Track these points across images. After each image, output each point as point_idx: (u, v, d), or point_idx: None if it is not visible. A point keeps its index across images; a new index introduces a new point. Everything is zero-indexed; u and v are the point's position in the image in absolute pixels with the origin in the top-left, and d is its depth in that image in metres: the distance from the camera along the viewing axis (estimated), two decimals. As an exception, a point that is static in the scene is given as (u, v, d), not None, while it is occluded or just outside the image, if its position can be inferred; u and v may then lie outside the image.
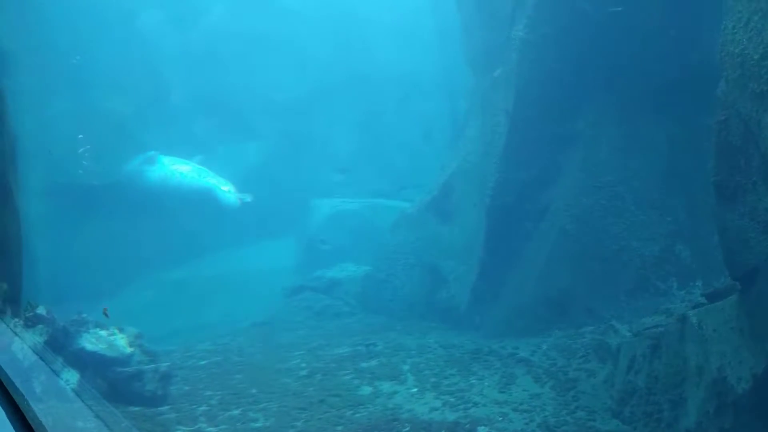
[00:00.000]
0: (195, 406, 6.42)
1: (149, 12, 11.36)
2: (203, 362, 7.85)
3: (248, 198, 11.19)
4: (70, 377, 4.62)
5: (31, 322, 5.02)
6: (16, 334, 5.07)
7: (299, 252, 11.62)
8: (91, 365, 5.36)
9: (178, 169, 11.34)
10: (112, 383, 5.43)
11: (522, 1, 8.08)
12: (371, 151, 12.74)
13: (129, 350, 5.51)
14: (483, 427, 5.87)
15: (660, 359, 5.79)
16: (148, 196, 10.82)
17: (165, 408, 6.23)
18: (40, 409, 3.29)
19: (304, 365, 7.59)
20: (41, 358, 4.71)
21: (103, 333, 5.42)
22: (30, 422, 2.56)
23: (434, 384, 6.90)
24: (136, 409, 5.64)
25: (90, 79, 10.41)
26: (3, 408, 2.55)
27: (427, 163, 11.12)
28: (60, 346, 5.19)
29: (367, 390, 6.85)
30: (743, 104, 4.59)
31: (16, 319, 5.26)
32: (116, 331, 5.56)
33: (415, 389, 6.82)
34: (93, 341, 5.34)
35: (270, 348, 8.36)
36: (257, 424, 6.11)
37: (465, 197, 9.54)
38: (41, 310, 5.08)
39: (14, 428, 2.42)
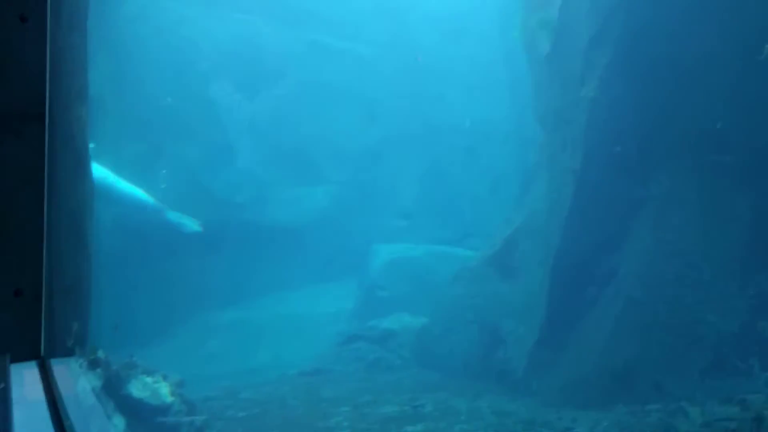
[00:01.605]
0: (226, 465, 6.30)
1: (223, 79, 11.76)
2: (242, 414, 7.70)
3: (197, 226, 10.77)
4: (119, 423, 4.74)
5: (93, 365, 5.19)
6: (80, 375, 5.27)
7: (357, 297, 11.58)
8: (136, 412, 5.47)
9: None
10: (151, 433, 5.51)
11: (592, 62, 7.93)
12: (437, 199, 12.70)
13: (170, 399, 5.56)
14: None
15: (731, 457, 5.30)
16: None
17: (197, 464, 6.15)
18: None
19: (346, 424, 7.37)
20: (98, 401, 4.86)
21: (149, 380, 5.52)
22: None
23: (480, 456, 6.58)
24: (171, 463, 5.63)
25: (163, 124, 10.97)
26: None
27: (492, 213, 10.94)
28: (112, 390, 5.34)
29: (408, 458, 6.64)
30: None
31: (82, 360, 5.46)
32: (161, 378, 5.65)
33: (459, 461, 6.52)
34: (140, 387, 5.44)
35: (314, 401, 8.20)
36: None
37: (529, 255, 9.26)
38: (101, 353, 5.27)
39: None
